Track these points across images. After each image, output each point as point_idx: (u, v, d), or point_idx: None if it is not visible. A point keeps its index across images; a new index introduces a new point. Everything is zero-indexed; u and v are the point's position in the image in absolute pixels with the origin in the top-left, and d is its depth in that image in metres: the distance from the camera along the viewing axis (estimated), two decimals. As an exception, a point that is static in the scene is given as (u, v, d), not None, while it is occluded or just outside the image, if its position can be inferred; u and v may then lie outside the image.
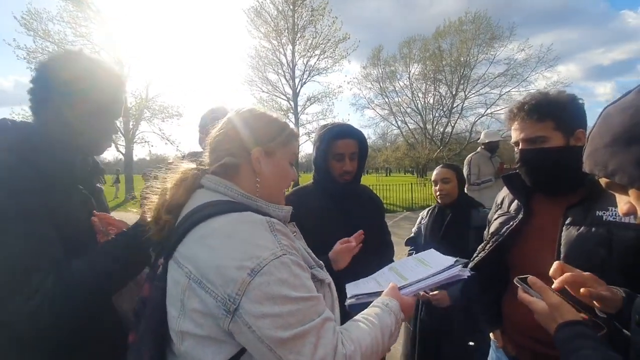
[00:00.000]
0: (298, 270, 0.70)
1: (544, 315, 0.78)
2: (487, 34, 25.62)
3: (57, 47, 13.57)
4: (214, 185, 0.83)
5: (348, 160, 1.59)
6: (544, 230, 1.20)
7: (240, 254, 0.66)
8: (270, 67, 21.08)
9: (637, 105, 0.61)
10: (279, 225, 0.75)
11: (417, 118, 29.85)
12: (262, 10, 19.85)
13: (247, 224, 0.71)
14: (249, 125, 0.87)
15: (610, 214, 1.07)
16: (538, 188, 1.25)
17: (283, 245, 0.71)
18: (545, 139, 1.15)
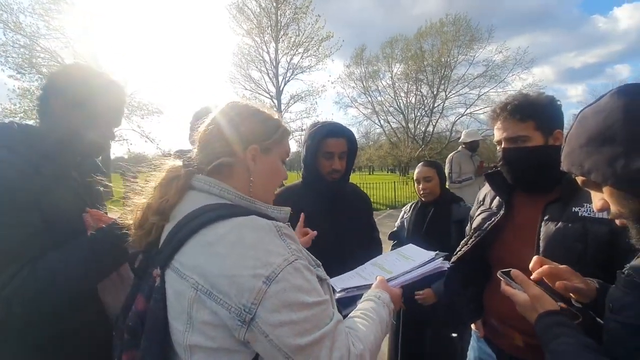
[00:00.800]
0: (309, 274, 0.70)
1: (525, 306, 0.82)
2: (467, 35, 26.26)
3: (30, 41, 13.01)
4: (207, 186, 0.77)
5: (337, 159, 1.59)
6: (524, 226, 1.26)
7: (252, 262, 0.63)
8: (253, 64, 20.93)
9: (610, 108, 0.66)
10: (286, 229, 0.73)
11: (400, 117, 30.27)
12: (245, 7, 19.64)
13: (254, 229, 0.68)
14: (244, 121, 0.82)
15: (585, 210, 1.13)
16: (519, 185, 1.30)
17: (293, 250, 0.69)
18: (526, 138, 1.21)
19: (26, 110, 13.16)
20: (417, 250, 1.20)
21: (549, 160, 1.16)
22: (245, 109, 0.85)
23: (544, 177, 1.23)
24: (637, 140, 0.61)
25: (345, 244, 1.55)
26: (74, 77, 1.10)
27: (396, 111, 30.22)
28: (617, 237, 1.04)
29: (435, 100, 28.38)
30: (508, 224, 1.30)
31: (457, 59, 27.07)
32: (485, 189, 1.51)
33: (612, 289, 0.74)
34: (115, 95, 1.17)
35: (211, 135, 0.82)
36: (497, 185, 1.37)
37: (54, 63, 13.71)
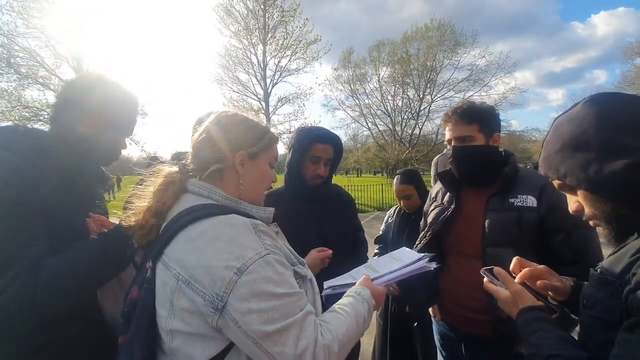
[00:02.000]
0: (281, 268, 0.74)
1: (507, 302, 0.85)
2: (452, 40, 26.84)
3: (7, 39, 12.58)
4: (198, 189, 0.85)
5: (323, 166, 1.60)
6: (471, 217, 1.45)
7: (227, 255, 0.70)
8: (240, 66, 20.79)
9: (583, 116, 0.70)
10: (262, 226, 0.78)
11: (387, 120, 30.62)
12: (232, 9, 19.54)
13: (232, 226, 0.75)
14: (232, 129, 0.90)
15: (519, 201, 1.36)
16: (465, 180, 1.50)
17: (267, 245, 0.75)
18: (471, 138, 1.41)
19: (3, 110, 12.72)
20: (408, 252, 1.24)
21: (490, 157, 1.43)
22: (234, 118, 0.93)
23: (486, 172, 1.44)
24: (608, 147, 0.65)
25: (330, 246, 1.55)
26: (90, 86, 1.11)
27: (383, 114, 30.61)
28: (543, 221, 1.31)
29: (422, 103, 28.87)
30: (458, 216, 1.49)
31: (443, 63, 27.65)
32: (437, 187, 1.70)
33: (586, 285, 0.78)
34: (129, 106, 1.19)
35: (203, 143, 0.90)
36: (447, 182, 1.57)
37: (33, 62, 13.31)
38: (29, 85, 13.29)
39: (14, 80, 12.94)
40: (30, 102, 13.28)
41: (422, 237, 1.63)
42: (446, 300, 1.56)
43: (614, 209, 0.68)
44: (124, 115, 1.17)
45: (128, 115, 1.19)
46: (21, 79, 13.06)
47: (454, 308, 1.51)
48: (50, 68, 13.74)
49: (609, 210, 0.69)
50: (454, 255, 1.52)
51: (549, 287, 0.89)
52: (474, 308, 1.40)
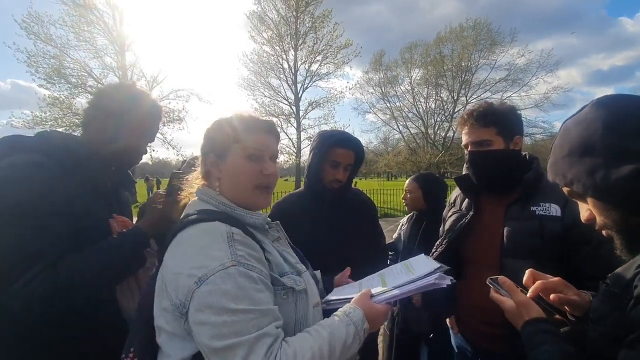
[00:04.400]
0: (245, 281, 0.71)
1: (512, 313, 0.82)
2: (488, 39, 25.73)
3: (60, 52, 13.70)
4: (199, 194, 0.90)
5: (342, 170, 1.57)
6: (490, 225, 1.37)
7: (192, 263, 0.71)
8: (272, 72, 21.25)
9: (590, 119, 0.66)
10: (238, 235, 0.77)
11: (419, 123, 29.90)
12: (265, 16, 20.05)
13: (207, 234, 0.76)
14: (205, 134, 0.94)
15: (541, 209, 1.26)
16: (483, 186, 1.41)
17: (237, 256, 0.73)
18: (489, 142, 1.33)
19: (56, 118, 13.83)
20: (424, 261, 1.08)
21: (509, 162, 1.33)
22: (211, 124, 0.95)
23: (505, 178, 1.34)
24: (616, 152, 0.62)
25: (346, 253, 1.49)
26: (118, 94, 1.19)
27: (415, 117, 29.90)
28: (568, 232, 1.19)
29: (456, 105, 27.89)
30: (477, 224, 1.41)
31: (478, 63, 26.60)
32: (456, 192, 1.61)
33: (594, 299, 0.73)
34: (152, 114, 1.26)
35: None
36: (465, 187, 1.47)
37: (83, 73, 14.39)
38: (78, 94, 14.37)
39: (65, 89, 14.05)
40: (80, 110, 14.37)
41: (438, 245, 1.54)
42: (463, 312, 1.47)
43: (622, 217, 0.64)
44: (145, 121, 1.24)
45: (150, 121, 1.27)
46: (71, 88, 14.13)
47: (470, 321, 1.43)
48: (97, 78, 14.80)
49: (619, 219, 0.65)
50: (471, 264, 1.43)
51: (564, 300, 0.83)
52: (491, 322, 1.29)
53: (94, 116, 1.17)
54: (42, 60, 13.46)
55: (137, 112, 1.20)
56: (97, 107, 1.18)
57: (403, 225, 2.37)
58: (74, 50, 14.09)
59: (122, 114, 1.16)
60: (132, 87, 1.25)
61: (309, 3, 19.25)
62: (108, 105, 1.16)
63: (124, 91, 1.21)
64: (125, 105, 1.17)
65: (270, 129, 0.95)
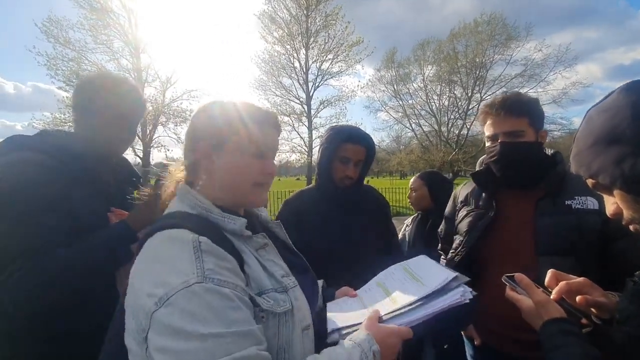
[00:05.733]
0: (215, 300, 0.59)
1: (530, 313, 0.77)
2: (503, 34, 25.11)
3: (78, 54, 14.05)
4: (178, 191, 0.80)
5: (352, 166, 1.53)
6: (517, 223, 1.28)
7: (154, 279, 0.61)
8: (284, 71, 21.27)
9: (617, 106, 0.62)
10: (207, 245, 0.65)
11: (432, 120, 29.42)
12: (276, 16, 20.09)
13: (172, 244, 0.65)
14: (195, 118, 0.82)
15: (577, 202, 1.20)
16: (510, 181, 1.32)
17: (205, 270, 0.61)
18: (522, 133, 1.26)
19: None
20: (429, 266, 0.94)
21: (538, 156, 1.28)
22: (200, 107, 0.84)
23: (534, 172, 1.28)
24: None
25: (358, 253, 1.48)
26: (94, 85, 1.20)
27: (428, 114, 29.46)
28: (606, 225, 1.13)
29: (470, 102, 27.33)
30: (500, 223, 1.31)
31: (493, 59, 25.95)
32: (465, 189, 1.52)
33: (621, 298, 0.69)
34: (131, 101, 1.25)
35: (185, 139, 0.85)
36: (483, 184, 1.39)
37: (100, 75, 14.71)
38: (96, 95, 14.66)
39: (84, 91, 14.35)
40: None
41: (458, 247, 1.40)
42: (489, 320, 1.33)
43: None
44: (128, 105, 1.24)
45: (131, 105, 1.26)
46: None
47: (500, 329, 1.29)
48: (114, 79, 15.08)
49: None
50: (497, 267, 1.25)
51: (590, 302, 0.78)
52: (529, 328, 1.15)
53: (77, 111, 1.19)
54: (61, 63, 13.83)
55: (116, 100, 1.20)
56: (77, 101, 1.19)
57: (407, 225, 2.33)
58: (91, 53, 14.50)
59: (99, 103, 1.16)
60: (108, 75, 1.27)
61: (320, 1, 19.18)
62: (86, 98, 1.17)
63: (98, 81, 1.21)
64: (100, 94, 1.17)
65: (277, 123, 0.87)
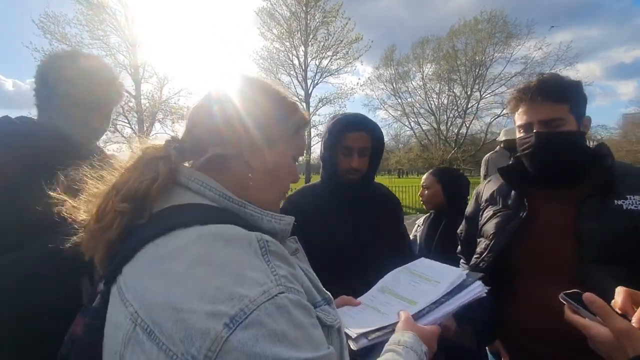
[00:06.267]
0: (301, 315, 0.47)
1: (606, 344, 0.62)
2: (504, 32, 25.03)
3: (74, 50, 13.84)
4: (186, 180, 0.59)
5: (357, 156, 1.35)
6: (555, 226, 1.11)
7: (213, 292, 0.43)
8: (282, 68, 21.16)
9: None
10: (274, 245, 0.52)
11: (431, 119, 29.34)
12: (275, 12, 19.93)
13: (226, 243, 0.48)
14: (248, 101, 0.65)
15: (629, 203, 1.02)
16: (547, 177, 1.16)
17: (280, 278, 0.48)
18: (562, 121, 1.09)
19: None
20: (434, 266, 0.95)
21: (581, 148, 1.11)
22: (250, 84, 0.68)
23: (576, 167, 1.11)
24: None
25: (368, 254, 1.34)
26: (59, 64, 1.06)
27: (427, 113, 29.37)
28: None
29: (469, 100, 27.25)
30: (533, 225, 1.13)
31: (493, 57, 25.87)
32: (490, 187, 1.34)
33: None
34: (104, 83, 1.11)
35: (201, 112, 0.66)
36: (513, 181, 1.23)
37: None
38: (92, 91, 14.53)
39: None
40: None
41: (484, 251, 1.22)
42: (521, 337, 1.16)
43: None
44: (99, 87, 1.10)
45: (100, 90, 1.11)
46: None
47: (534, 346, 1.12)
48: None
49: None
50: (530, 277, 1.14)
51: None
52: (568, 346, 0.99)
53: (43, 95, 1.05)
54: (55, 58, 13.62)
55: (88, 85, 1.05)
56: (38, 84, 1.06)
57: (419, 226, 2.18)
58: (88, 48, 14.24)
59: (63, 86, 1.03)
60: (69, 53, 1.13)
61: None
62: (45, 80, 1.05)
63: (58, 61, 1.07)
64: (66, 76, 1.03)
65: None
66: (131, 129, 15.41)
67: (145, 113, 15.67)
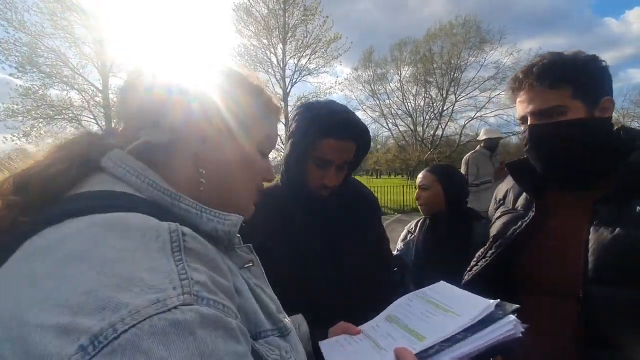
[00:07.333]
0: (217, 340, 0.32)
1: None
2: (477, 37, 25.81)
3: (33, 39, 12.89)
4: (113, 164, 0.47)
5: (334, 172, 1.04)
6: (563, 232, 0.94)
7: (79, 298, 0.30)
8: (260, 65, 20.73)
9: None
10: (194, 241, 0.38)
11: (408, 120, 29.86)
12: (252, 9, 19.53)
13: (124, 235, 0.35)
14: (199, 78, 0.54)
15: None
16: (553, 177, 1.00)
17: (192, 284, 0.34)
18: (562, 109, 0.91)
19: (29, 109, 13.05)
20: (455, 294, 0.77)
21: (595, 139, 0.90)
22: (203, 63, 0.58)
23: (589, 163, 0.92)
24: None
25: (347, 268, 1.08)
26: None
27: (404, 114, 29.86)
28: None
29: (445, 103, 27.92)
30: (541, 231, 0.98)
31: (468, 61, 26.63)
32: (505, 185, 1.19)
33: None
34: None
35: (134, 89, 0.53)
36: (523, 178, 1.06)
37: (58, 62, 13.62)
38: (52, 84, 13.57)
39: (38, 79, 13.23)
40: (55, 101, 13.60)
41: (480, 257, 1.06)
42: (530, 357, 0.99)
43: None
44: None
45: None
46: (44, 77, 13.35)
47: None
48: (74, 67, 14.01)
49: None
50: (530, 289, 0.99)
51: None
52: None
53: None
54: (13, 48, 12.55)
55: None
56: None
57: (410, 232, 1.83)
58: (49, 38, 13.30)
59: None
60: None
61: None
62: None
63: None
64: None
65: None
66: (97, 125, 14.55)
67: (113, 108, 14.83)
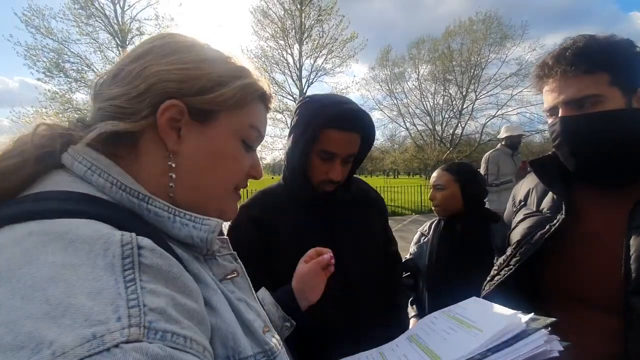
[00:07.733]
0: None
1: None
2: (499, 33, 25.06)
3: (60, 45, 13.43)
4: (72, 161, 0.42)
5: (339, 165, 1.01)
6: (598, 237, 0.84)
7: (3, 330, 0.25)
8: (277, 66, 20.87)
9: None
10: (152, 256, 0.33)
11: (426, 119, 29.29)
12: (269, 10, 19.69)
13: (68, 248, 0.30)
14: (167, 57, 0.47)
15: None
16: (587, 176, 0.89)
17: (144, 312, 0.29)
18: (598, 98, 0.80)
19: (56, 112, 13.60)
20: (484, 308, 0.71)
21: (635, 133, 0.79)
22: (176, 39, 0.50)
23: (628, 160, 0.81)
24: None
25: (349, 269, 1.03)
26: None
27: (422, 113, 29.31)
28: None
29: (465, 101, 27.25)
30: (571, 235, 0.87)
31: (488, 58, 25.88)
32: (527, 184, 1.07)
33: None
34: None
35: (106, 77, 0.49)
36: (550, 177, 0.94)
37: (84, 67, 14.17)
38: (78, 88, 14.10)
39: (65, 83, 13.78)
40: (81, 104, 14.12)
41: (503, 265, 0.95)
42: None
43: None
44: None
45: None
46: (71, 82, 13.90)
47: None
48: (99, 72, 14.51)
49: None
50: (561, 301, 0.89)
51: None
52: None
53: None
54: (41, 54, 13.12)
55: None
56: None
57: (424, 235, 1.71)
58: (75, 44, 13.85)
59: None
60: None
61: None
62: None
63: None
64: None
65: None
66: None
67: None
